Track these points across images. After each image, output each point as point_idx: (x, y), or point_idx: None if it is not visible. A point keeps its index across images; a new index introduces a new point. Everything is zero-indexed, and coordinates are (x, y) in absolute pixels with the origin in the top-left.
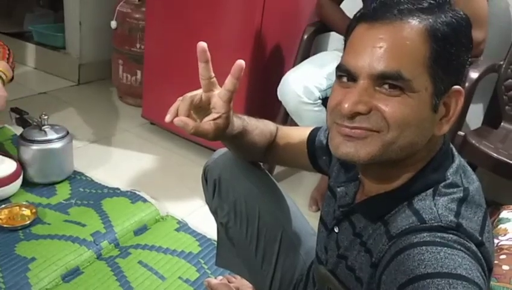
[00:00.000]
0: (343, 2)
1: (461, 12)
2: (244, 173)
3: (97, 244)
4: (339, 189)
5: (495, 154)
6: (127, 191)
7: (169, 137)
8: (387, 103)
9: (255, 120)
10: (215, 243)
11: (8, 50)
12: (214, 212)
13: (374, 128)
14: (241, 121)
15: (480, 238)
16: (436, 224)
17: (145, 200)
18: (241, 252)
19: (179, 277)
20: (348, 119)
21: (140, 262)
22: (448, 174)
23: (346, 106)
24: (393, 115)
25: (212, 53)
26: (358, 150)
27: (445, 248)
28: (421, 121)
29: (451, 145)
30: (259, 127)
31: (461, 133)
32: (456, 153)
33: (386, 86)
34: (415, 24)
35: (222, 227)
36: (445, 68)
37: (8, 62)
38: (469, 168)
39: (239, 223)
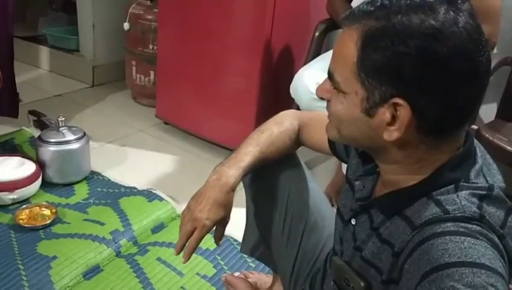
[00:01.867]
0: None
1: (429, 21)
2: None
3: (116, 242)
4: (356, 182)
5: (509, 148)
6: (144, 190)
7: (184, 136)
8: (334, 96)
9: (266, 139)
10: (231, 239)
11: None
12: (248, 186)
13: (330, 114)
14: (248, 165)
15: (501, 231)
16: (459, 214)
17: (161, 199)
18: (269, 231)
19: (197, 273)
20: (327, 105)
21: (158, 259)
22: (472, 175)
23: (317, 90)
24: (331, 108)
25: (225, 52)
26: (328, 130)
27: (469, 238)
28: (354, 119)
29: (477, 147)
30: (274, 144)
31: (474, 127)
32: (479, 154)
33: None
34: (353, 29)
35: (252, 204)
36: (375, 76)
37: None
38: (495, 168)
39: (270, 199)
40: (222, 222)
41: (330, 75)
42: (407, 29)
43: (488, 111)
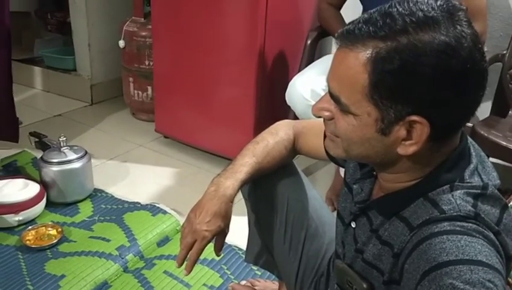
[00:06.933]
0: (343, 7)
1: (440, 38)
2: None
3: (123, 258)
4: (354, 186)
5: (504, 143)
6: (147, 205)
7: (183, 149)
8: (339, 116)
9: (262, 150)
10: (236, 248)
11: None
12: (247, 197)
13: (334, 134)
14: (245, 176)
15: (497, 227)
16: (455, 214)
17: (165, 212)
18: (270, 240)
19: (204, 284)
20: (324, 122)
21: (165, 272)
22: (466, 175)
23: (313, 108)
24: (339, 130)
25: (220, 63)
26: (331, 149)
27: (465, 236)
28: (366, 139)
29: (471, 145)
30: (270, 155)
31: (469, 124)
32: (473, 154)
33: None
34: (360, 52)
35: (253, 214)
36: (391, 97)
37: None
38: (489, 165)
39: (269, 208)
40: (221, 233)
41: (335, 98)
42: (419, 49)
43: (482, 108)
